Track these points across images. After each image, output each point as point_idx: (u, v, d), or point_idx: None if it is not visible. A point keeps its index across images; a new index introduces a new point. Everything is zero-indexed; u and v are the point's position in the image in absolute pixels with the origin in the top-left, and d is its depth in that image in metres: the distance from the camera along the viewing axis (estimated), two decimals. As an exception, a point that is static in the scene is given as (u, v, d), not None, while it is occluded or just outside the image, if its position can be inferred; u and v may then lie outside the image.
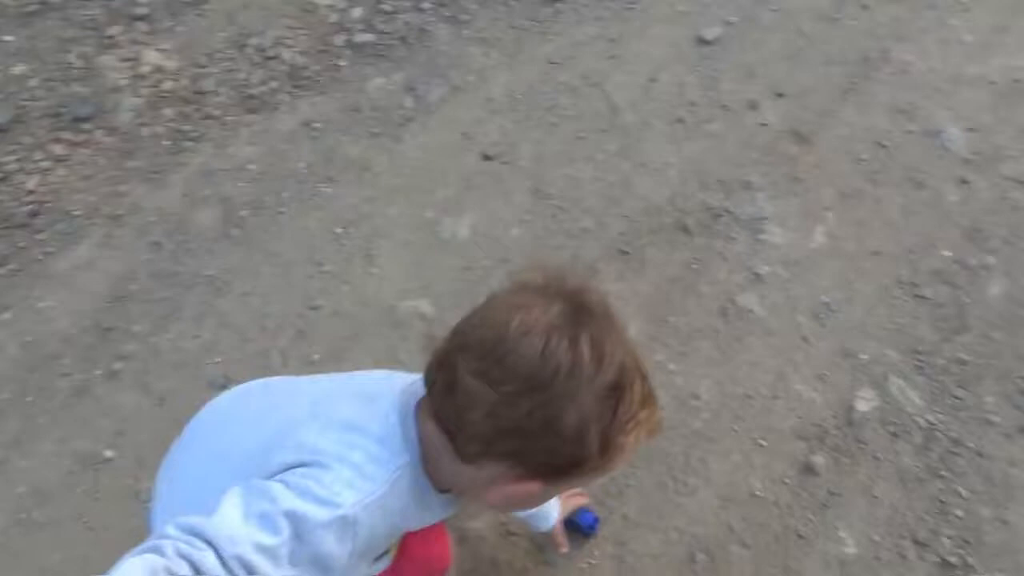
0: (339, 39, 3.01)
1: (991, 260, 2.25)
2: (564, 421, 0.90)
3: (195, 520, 0.86)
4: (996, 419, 1.95)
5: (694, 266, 2.32)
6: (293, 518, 0.89)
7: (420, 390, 1.04)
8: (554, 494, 1.14)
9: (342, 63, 2.94)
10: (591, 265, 2.34)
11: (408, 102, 2.86)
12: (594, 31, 2.99)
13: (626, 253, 2.36)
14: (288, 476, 0.95)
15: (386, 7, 3.09)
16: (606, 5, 3.07)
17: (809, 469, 1.91)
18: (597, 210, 2.49)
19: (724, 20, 2.98)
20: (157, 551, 0.81)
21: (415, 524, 1.11)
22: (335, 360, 2.15)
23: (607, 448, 0.94)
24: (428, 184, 2.60)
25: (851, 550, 1.79)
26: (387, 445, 1.00)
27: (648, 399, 0.97)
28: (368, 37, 3.01)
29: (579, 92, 2.82)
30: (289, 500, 0.90)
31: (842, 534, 1.82)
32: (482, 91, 2.88)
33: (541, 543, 1.84)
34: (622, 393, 0.92)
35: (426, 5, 3.09)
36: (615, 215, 2.46)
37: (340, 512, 0.93)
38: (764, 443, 1.95)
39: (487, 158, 2.68)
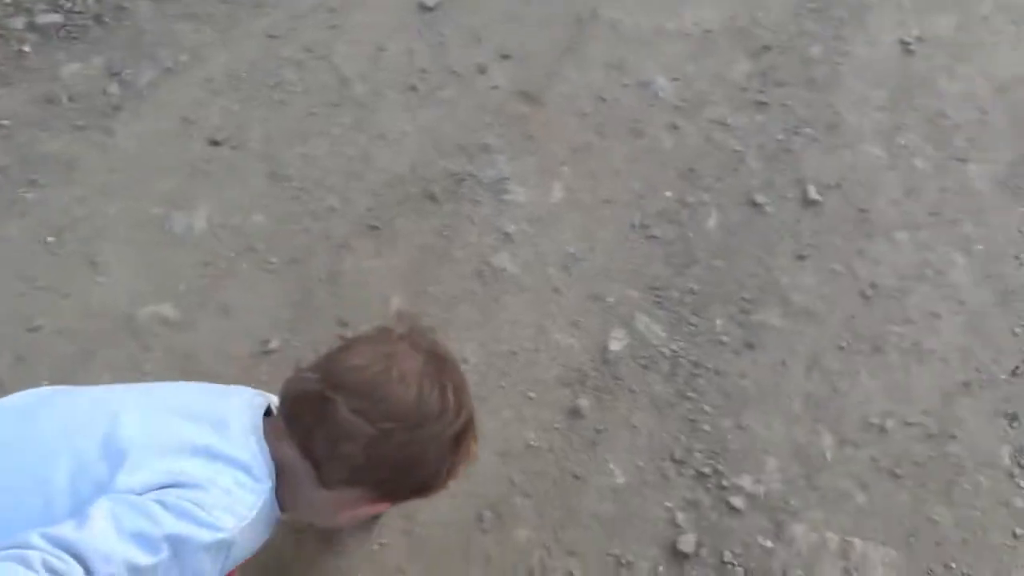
0: (18, 21, 2.64)
1: (705, 197, 2.48)
2: (428, 456, 1.09)
3: (65, 533, 0.84)
4: (726, 339, 2.17)
5: (445, 233, 2.33)
6: (174, 540, 0.90)
7: (259, 415, 1.11)
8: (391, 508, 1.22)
9: (26, 49, 2.58)
10: (343, 244, 2.28)
11: (113, 88, 2.58)
12: (312, 1, 2.88)
13: (376, 228, 2.32)
14: (164, 496, 0.94)
15: (70, -18, 2.75)
16: (322, -27, 2.96)
17: (576, 412, 2.01)
18: (340, 187, 2.42)
19: (443, -15, 2.99)
20: (23, 562, 0.78)
21: (259, 545, 1.11)
22: (68, 383, 1.91)
23: (449, 478, 1.17)
24: (150, 177, 2.38)
25: (620, 479, 1.92)
26: (253, 472, 1.03)
27: (475, 436, 1.20)
28: (54, 18, 2.67)
29: (305, 66, 2.71)
30: (170, 522, 0.91)
31: (611, 466, 1.95)
32: (198, 71, 2.67)
33: (328, 535, 1.79)
34: (466, 434, 1.15)
35: (119, -21, 2.79)
36: (359, 190, 2.41)
37: (221, 536, 0.95)
38: (532, 395, 2.03)
39: (214, 143, 2.49)
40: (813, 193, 2.47)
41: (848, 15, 3.00)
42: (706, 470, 1.96)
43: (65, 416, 1.11)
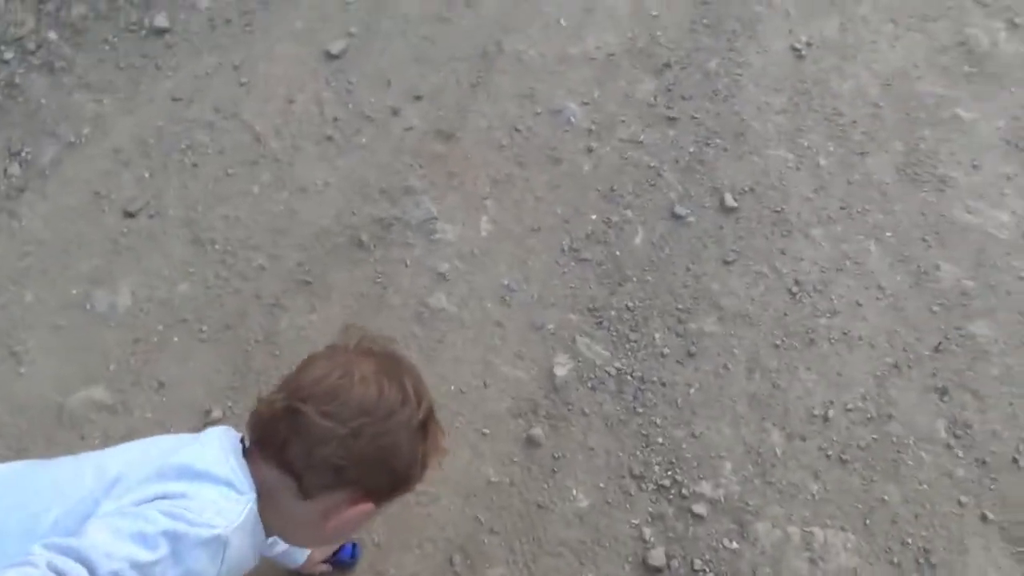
0: (-97, 110, 2.52)
1: (629, 214, 2.55)
2: (401, 446, 1.14)
3: (66, 541, 0.88)
4: (667, 351, 2.22)
5: (379, 280, 2.32)
6: (171, 536, 0.94)
7: (235, 440, 1.15)
8: (379, 514, 1.24)
9: (-85, 138, 2.47)
10: (276, 303, 2.24)
11: (14, 169, 2.49)
12: (215, 60, 2.84)
13: (308, 283, 2.30)
14: (156, 504, 0.98)
15: (-43, 64, 2.65)
16: (220, 31, 2.93)
17: (532, 442, 2.02)
18: (267, 245, 2.39)
19: (346, 32, 3.00)
20: (28, 565, 0.82)
21: (247, 565, 1.14)
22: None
23: (424, 468, 1.20)
24: (65, 257, 2.30)
25: (584, 503, 1.93)
26: (235, 486, 1.07)
27: (440, 427, 1.24)
28: (-58, 102, 2.56)
29: (215, 126, 2.67)
30: (165, 521, 0.95)
31: (574, 491, 1.96)
32: (104, 142, 2.60)
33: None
34: (433, 423, 1.20)
35: (9, 55, 2.70)
36: (287, 246, 2.38)
37: (216, 531, 0.99)
38: (487, 431, 2.03)
39: (129, 215, 2.43)
40: (730, 200, 2.56)
41: (740, 27, 3.13)
42: (666, 482, 2.00)
43: (51, 472, 1.17)
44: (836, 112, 2.83)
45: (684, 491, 1.95)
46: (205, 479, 1.07)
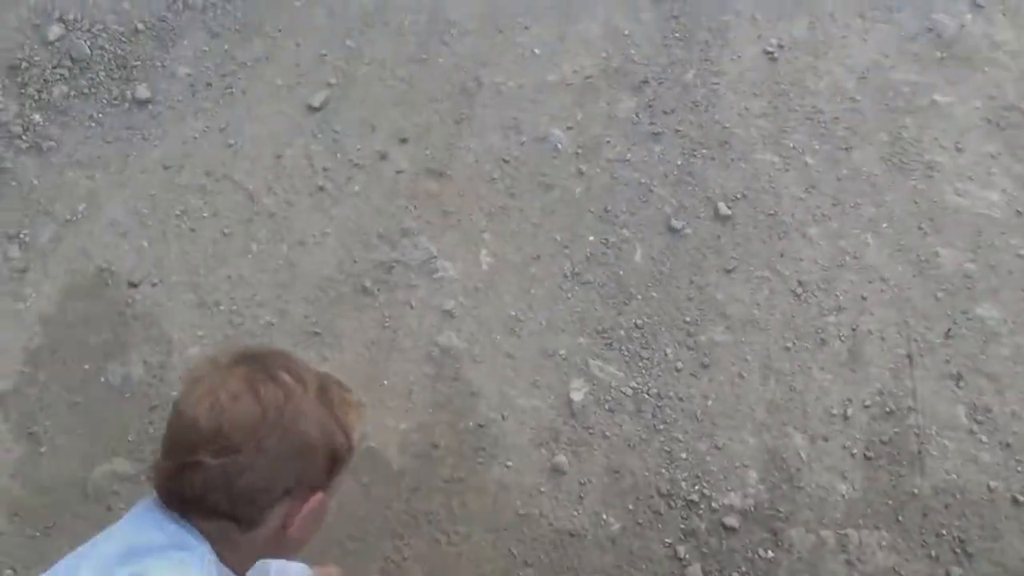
0: (-102, 206, 2.53)
1: (626, 232, 2.57)
2: (310, 432, 1.08)
3: None
4: (680, 365, 2.23)
5: (387, 324, 2.33)
6: None
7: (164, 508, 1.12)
8: (333, 496, 1.23)
9: (-87, 232, 2.48)
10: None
11: (14, 252, 2.51)
12: (200, 125, 2.87)
13: (317, 334, 2.31)
14: None
15: (-53, 154, 2.67)
16: (202, 96, 2.96)
17: (557, 470, 2.02)
18: (272, 301, 2.40)
19: (325, 83, 3.03)
20: None
21: None
22: (37, 564, 1.81)
23: (346, 432, 1.14)
24: (75, 334, 2.30)
25: (616, 527, 1.93)
26: (183, 546, 1.05)
27: (340, 384, 1.19)
28: (-64, 194, 2.58)
29: (208, 189, 2.69)
30: None
31: (604, 516, 1.96)
32: (100, 217, 2.62)
33: None
34: (328, 390, 1.13)
35: (-3, 141, 2.72)
36: (292, 300, 2.39)
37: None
38: (510, 463, 2.03)
39: (133, 285, 2.44)
40: (724, 208, 2.58)
41: (711, 37, 3.18)
42: (694, 497, 2.00)
43: None
44: (816, 110, 2.87)
45: (713, 504, 1.96)
46: (151, 554, 1.04)
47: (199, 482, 1.05)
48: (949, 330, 2.22)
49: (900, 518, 1.85)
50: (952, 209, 2.50)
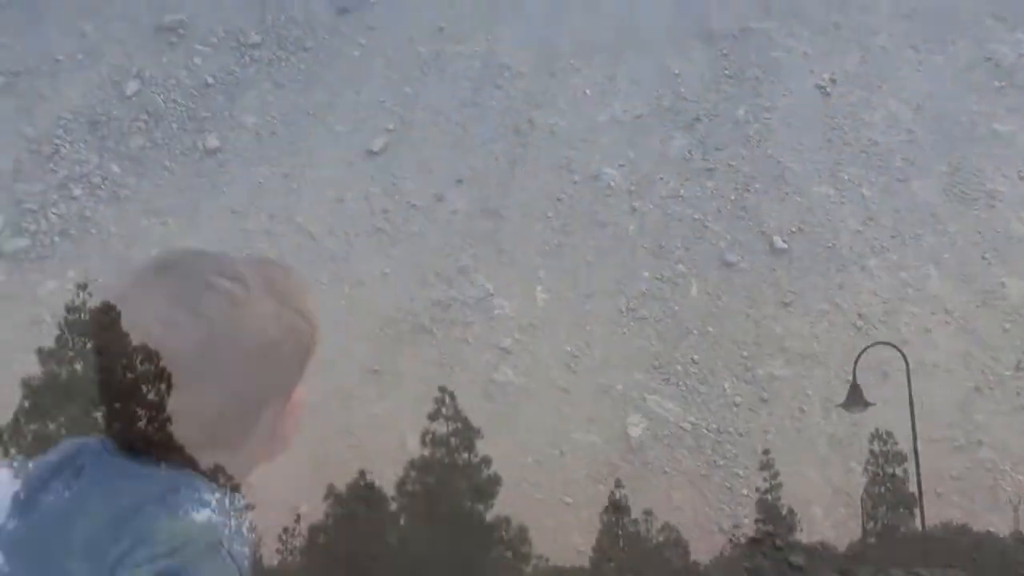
0: (-14, 254, 2.68)
1: (681, 268, 2.57)
2: (270, 334, 1.02)
3: None
4: (739, 399, 2.21)
5: (445, 361, 2.37)
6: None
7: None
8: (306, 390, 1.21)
9: (0, 277, 2.62)
10: (349, 394, 2.30)
11: (93, 300, 2.62)
12: (266, 171, 2.98)
13: (378, 372, 2.35)
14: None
15: (30, 205, 2.82)
16: (268, 144, 3.08)
17: (616, 507, 2.01)
18: (333, 340, 2.45)
19: (384, 129, 3.13)
20: None
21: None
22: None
23: (303, 314, 1.08)
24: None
25: (677, 564, 1.91)
26: (183, 483, 1.02)
27: (283, 268, 1.11)
28: (20, 242, 2.72)
29: (273, 232, 2.79)
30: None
31: (665, 554, 1.94)
32: (172, 261, 2.73)
33: None
34: (273, 279, 1.07)
35: (78, 192, 2.87)
36: (353, 338, 2.45)
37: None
38: (569, 500, 2.03)
39: (202, 326, 2.53)
40: (779, 242, 2.57)
41: (762, 73, 3.19)
42: (758, 534, 1.96)
43: None
44: (872, 142, 2.85)
45: (778, 542, 1.92)
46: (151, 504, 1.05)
47: (163, 425, 1.04)
48: (1020, 362, 2.16)
49: (975, 557, 1.79)
50: (1017, 238, 2.44)
